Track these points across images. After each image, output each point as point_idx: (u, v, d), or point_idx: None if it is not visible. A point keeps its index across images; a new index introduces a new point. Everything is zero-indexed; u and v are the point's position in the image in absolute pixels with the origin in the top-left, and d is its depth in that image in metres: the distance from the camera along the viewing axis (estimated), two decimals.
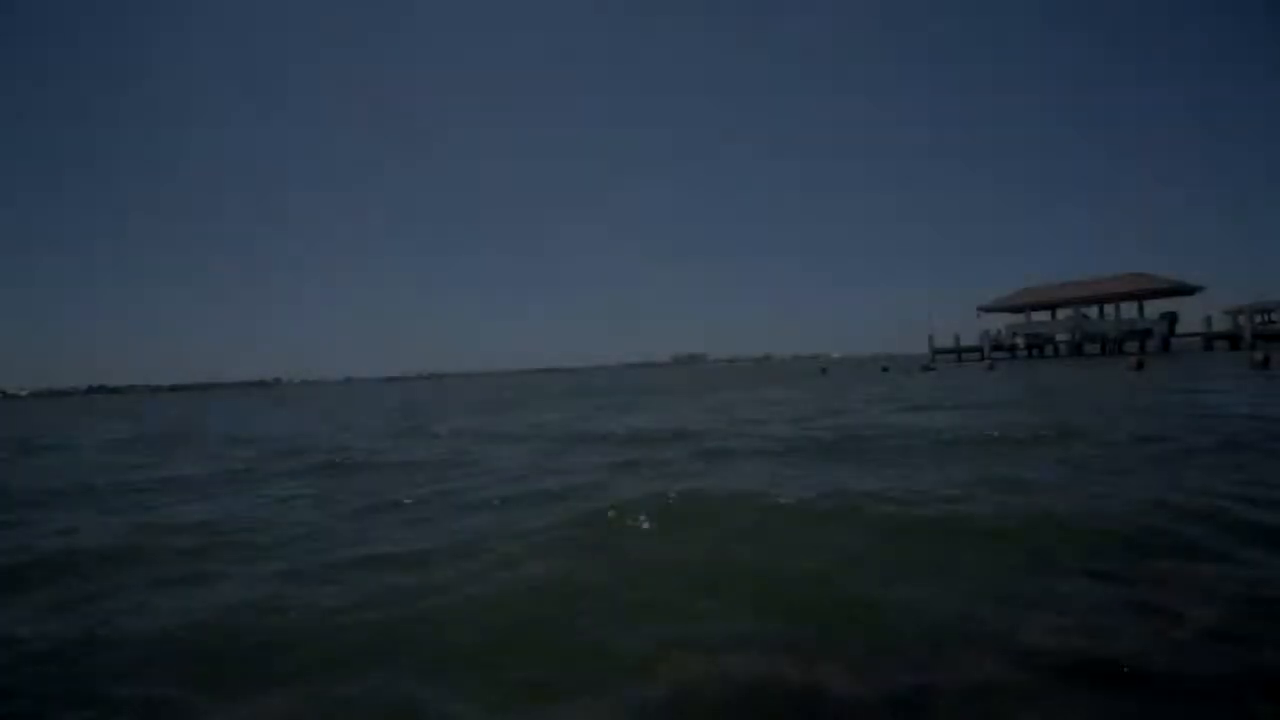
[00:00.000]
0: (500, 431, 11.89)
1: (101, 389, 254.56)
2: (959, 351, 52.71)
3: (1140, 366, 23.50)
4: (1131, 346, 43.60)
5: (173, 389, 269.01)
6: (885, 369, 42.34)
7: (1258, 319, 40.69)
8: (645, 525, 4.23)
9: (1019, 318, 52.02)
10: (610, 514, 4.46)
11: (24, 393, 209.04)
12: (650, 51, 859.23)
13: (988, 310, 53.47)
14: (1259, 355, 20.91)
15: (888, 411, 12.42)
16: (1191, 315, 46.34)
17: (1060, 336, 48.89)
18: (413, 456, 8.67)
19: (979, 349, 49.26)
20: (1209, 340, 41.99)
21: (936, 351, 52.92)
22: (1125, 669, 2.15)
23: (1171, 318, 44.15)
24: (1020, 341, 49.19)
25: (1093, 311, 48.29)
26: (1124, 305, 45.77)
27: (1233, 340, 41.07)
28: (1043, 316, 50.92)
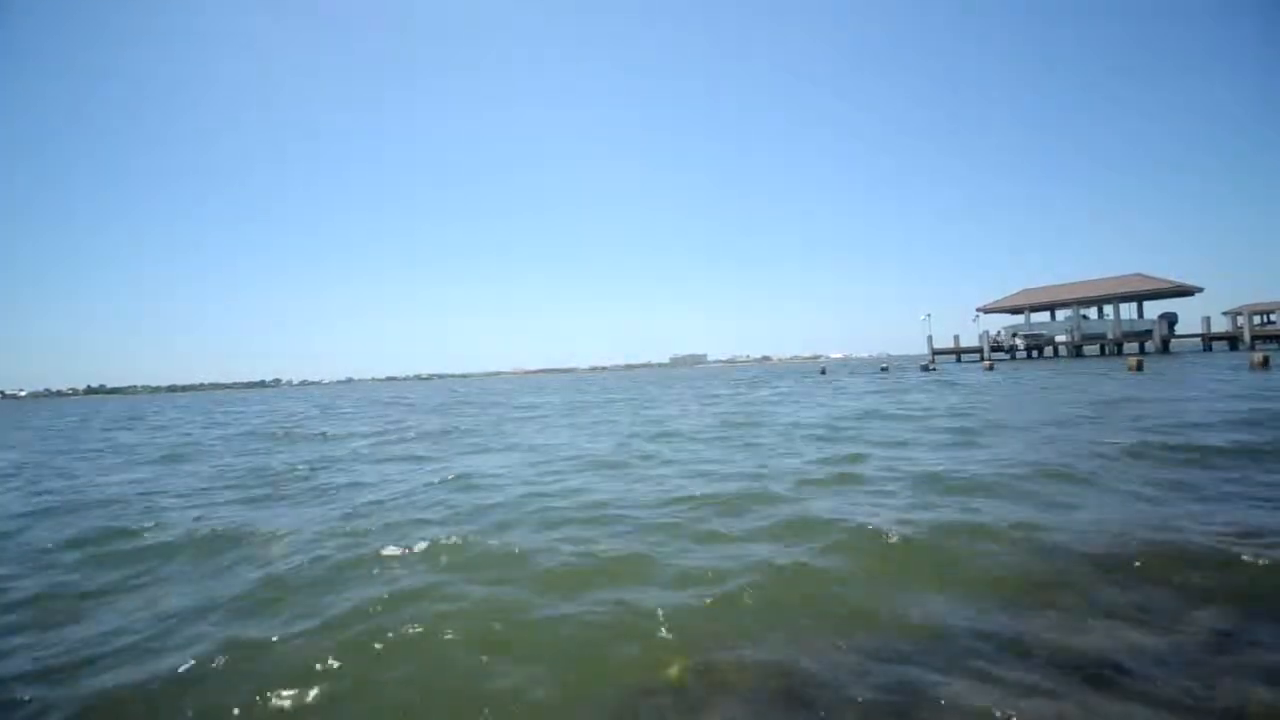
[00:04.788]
0: None
1: (101, 389, 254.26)
2: (958, 352, 52.70)
3: (1139, 367, 23.56)
4: (1131, 348, 43.58)
5: (170, 389, 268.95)
6: (884, 369, 43.77)
7: (1256, 320, 40.70)
8: None
9: (1018, 319, 52.02)
10: None
11: (23, 393, 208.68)
12: (655, 47, 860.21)
13: (987, 311, 53.47)
14: (1258, 356, 20.93)
15: None
16: (1191, 316, 46.43)
17: (1059, 338, 48.85)
18: None
19: (978, 350, 49.23)
20: (1208, 341, 42.00)
21: (935, 352, 52.90)
22: None
23: (1171, 319, 44.13)
24: (1019, 342, 49.12)
25: (1092, 313, 48.26)
26: (1123, 306, 45.76)
27: (1232, 341, 41.11)
28: (1042, 317, 50.90)
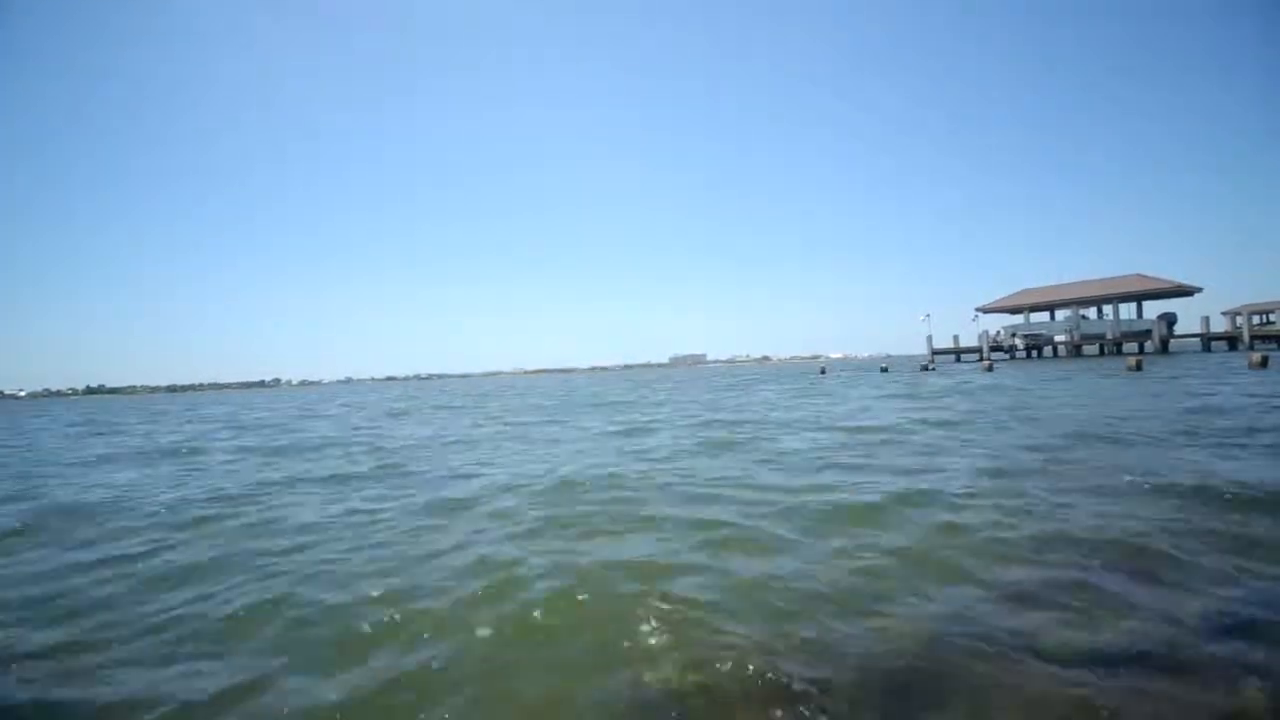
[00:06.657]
0: None
1: (100, 389, 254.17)
2: (958, 352, 52.73)
3: (1139, 367, 23.64)
4: (1130, 348, 43.60)
5: (170, 389, 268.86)
6: (884, 369, 43.78)
7: (1255, 320, 40.72)
8: None
9: (1017, 319, 52.03)
10: None
11: (22, 393, 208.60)
12: (655, 47, 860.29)
13: (986, 311, 53.49)
14: (1257, 356, 20.99)
15: None
16: (1190, 316, 46.47)
17: (1059, 338, 48.87)
18: None
19: (978, 350, 49.25)
20: (1207, 341, 42.02)
21: (935, 352, 52.92)
22: None
23: (1170, 319, 44.17)
24: (1019, 342, 49.17)
25: (1091, 313, 48.29)
26: (1122, 306, 45.79)
27: (1231, 341, 41.13)
28: (1041, 317, 50.92)
